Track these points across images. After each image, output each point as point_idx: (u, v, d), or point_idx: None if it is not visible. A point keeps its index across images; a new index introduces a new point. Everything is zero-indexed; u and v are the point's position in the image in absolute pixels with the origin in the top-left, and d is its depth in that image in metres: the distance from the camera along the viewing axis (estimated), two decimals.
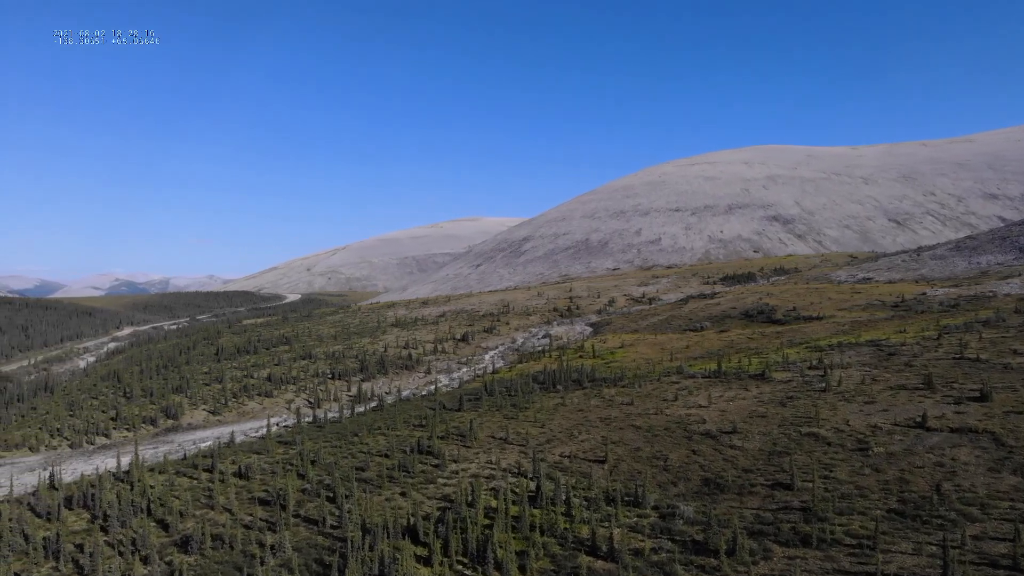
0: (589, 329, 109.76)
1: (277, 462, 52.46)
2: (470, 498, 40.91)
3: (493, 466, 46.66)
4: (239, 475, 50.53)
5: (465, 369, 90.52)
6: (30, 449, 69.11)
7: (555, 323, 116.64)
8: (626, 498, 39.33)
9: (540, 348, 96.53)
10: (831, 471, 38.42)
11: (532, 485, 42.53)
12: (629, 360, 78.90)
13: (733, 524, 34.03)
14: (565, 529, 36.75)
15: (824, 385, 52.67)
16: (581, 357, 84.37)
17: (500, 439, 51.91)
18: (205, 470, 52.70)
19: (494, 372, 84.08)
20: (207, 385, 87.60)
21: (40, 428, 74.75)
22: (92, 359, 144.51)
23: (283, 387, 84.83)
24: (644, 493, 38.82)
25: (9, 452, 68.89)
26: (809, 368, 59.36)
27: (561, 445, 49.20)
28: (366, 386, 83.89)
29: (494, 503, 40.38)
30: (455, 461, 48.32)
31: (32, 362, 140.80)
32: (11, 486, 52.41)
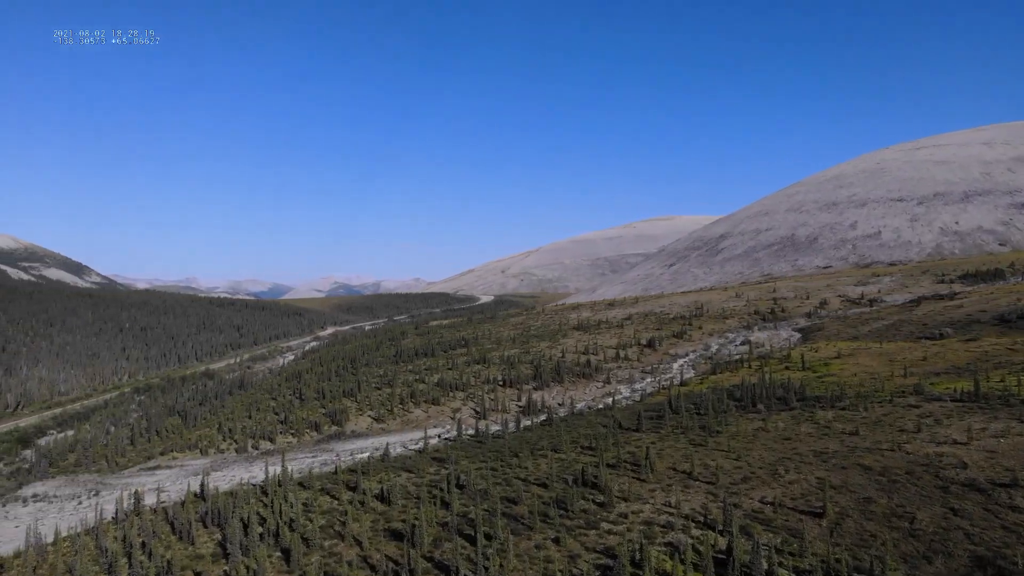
0: (796, 335, 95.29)
1: (424, 484, 46.20)
2: (638, 555, 31.71)
3: (672, 510, 36.96)
4: (380, 498, 44.77)
5: (649, 379, 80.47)
6: (201, 452, 68.89)
7: (755, 327, 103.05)
8: (855, 575, 28.29)
9: (737, 356, 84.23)
10: None
11: (722, 543, 32.52)
12: (848, 374, 65.12)
13: None
14: None
15: None
16: (787, 369, 71.54)
17: (683, 473, 41.96)
18: (349, 488, 47.75)
19: (682, 384, 73.52)
20: (378, 389, 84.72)
21: (216, 429, 74.95)
22: (291, 358, 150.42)
23: (451, 394, 79.71)
24: (883, 571, 27.58)
25: (183, 453, 69.12)
26: None
27: (762, 487, 38.42)
28: (537, 395, 76.60)
29: (668, 565, 30.92)
30: (625, 499, 39.13)
31: (238, 360, 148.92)
32: (158, 495, 50.52)
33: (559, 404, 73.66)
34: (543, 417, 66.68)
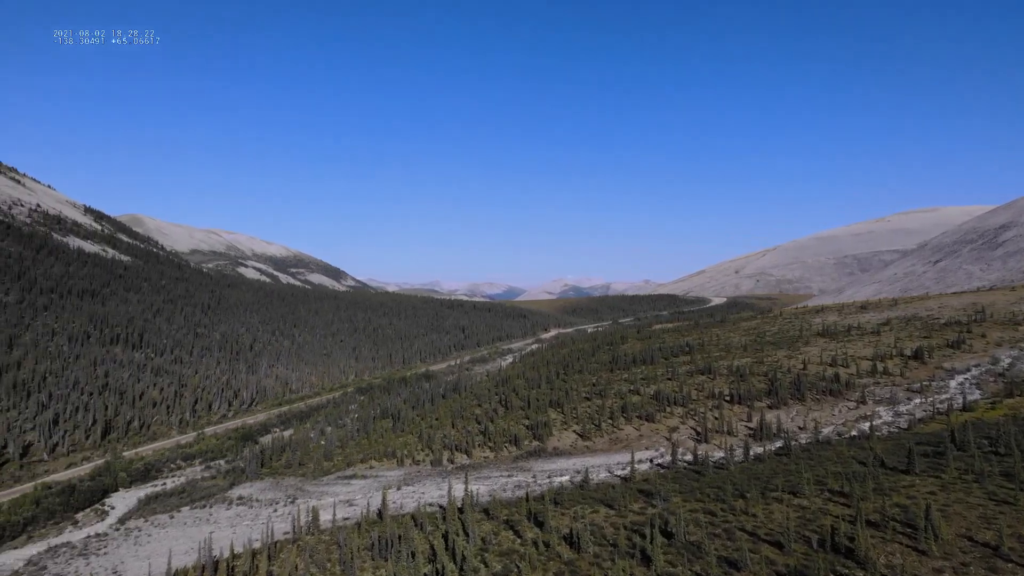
0: None
1: (623, 526, 37.79)
2: None
3: None
4: (569, 541, 37.01)
5: (917, 400, 64.87)
6: (398, 462, 65.76)
7: None
8: None
9: None
10: None
11: None
12: None
13: None
14: None
15: None
16: None
17: (985, 546, 29.59)
18: (537, 522, 40.63)
19: (965, 408, 57.80)
20: (587, 400, 77.16)
21: (418, 436, 71.82)
22: (510, 360, 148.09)
23: (669, 409, 69.97)
24: None
25: (380, 462, 66.43)
26: None
27: None
28: (772, 416, 64.54)
29: None
30: None
31: (459, 361, 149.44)
32: (334, 511, 46.76)
33: (799, 428, 61.30)
34: (778, 444, 55.18)
